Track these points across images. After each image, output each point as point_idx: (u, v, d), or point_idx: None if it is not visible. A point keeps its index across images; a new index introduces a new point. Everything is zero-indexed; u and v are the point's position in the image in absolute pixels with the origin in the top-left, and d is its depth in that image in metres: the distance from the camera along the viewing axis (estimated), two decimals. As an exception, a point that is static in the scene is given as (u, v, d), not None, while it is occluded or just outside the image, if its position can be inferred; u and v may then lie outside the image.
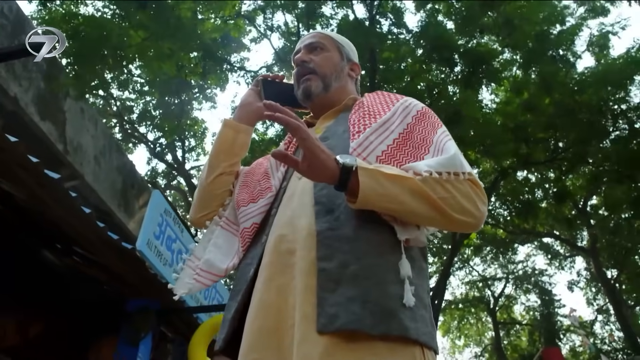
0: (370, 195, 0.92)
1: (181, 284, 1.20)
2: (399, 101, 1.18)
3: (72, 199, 3.27)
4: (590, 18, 11.32)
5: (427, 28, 11.13)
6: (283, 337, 0.91)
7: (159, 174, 14.15)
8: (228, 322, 1.05)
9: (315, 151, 0.93)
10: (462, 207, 0.96)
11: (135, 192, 10.55)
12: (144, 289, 4.53)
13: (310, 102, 1.29)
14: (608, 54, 11.62)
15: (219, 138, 1.30)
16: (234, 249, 1.19)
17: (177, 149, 12.96)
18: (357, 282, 0.89)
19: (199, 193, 1.31)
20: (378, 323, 0.85)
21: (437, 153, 1.04)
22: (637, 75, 10.83)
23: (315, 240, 0.97)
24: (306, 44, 1.35)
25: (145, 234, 4.00)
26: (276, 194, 1.16)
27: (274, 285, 0.98)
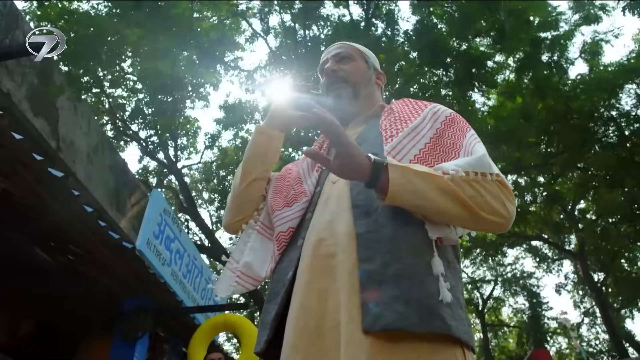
0: (400, 192, 0.94)
1: (223, 285, 1.22)
2: (427, 107, 1.20)
3: (75, 198, 3.24)
4: (584, 25, 11.46)
5: (421, 31, 11.19)
6: (325, 339, 0.92)
7: (151, 172, 14.04)
8: (269, 324, 1.05)
9: (349, 146, 0.95)
10: (491, 207, 0.98)
11: (128, 191, 10.45)
12: (140, 288, 4.50)
13: (340, 110, 1.30)
14: (600, 62, 11.78)
15: (252, 144, 1.32)
16: (269, 253, 1.20)
17: (170, 147, 12.87)
18: (399, 282, 0.91)
19: (233, 198, 1.32)
20: (422, 321, 0.86)
21: (467, 155, 1.06)
22: (627, 83, 11.00)
23: (355, 243, 0.98)
24: (334, 54, 1.38)
25: (145, 234, 3.97)
26: (310, 199, 1.18)
27: (314, 288, 0.99)
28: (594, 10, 11.38)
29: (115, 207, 9.70)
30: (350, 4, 12.01)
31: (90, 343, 5.12)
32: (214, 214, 16.14)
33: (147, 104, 12.97)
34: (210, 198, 15.82)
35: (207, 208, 16.26)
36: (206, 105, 13.78)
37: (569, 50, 11.44)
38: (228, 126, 13.70)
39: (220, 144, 14.61)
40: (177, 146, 13.04)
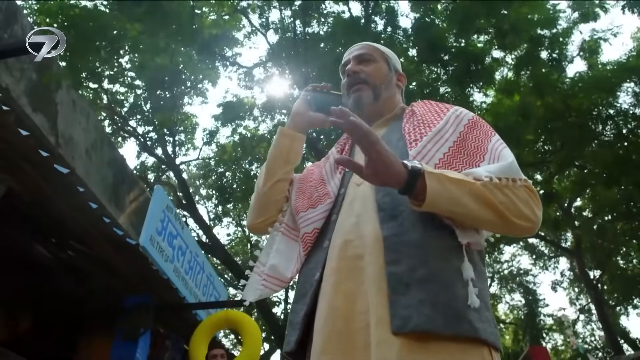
0: (436, 199, 0.95)
1: (251, 290, 1.23)
2: (449, 110, 1.21)
3: (80, 194, 3.23)
4: (582, 22, 11.48)
5: (420, 28, 11.19)
6: (353, 339, 0.93)
7: (149, 168, 14.01)
8: (298, 324, 1.06)
9: (385, 154, 0.95)
10: (521, 211, 1.00)
11: (126, 187, 10.43)
12: (143, 285, 4.50)
13: (360, 111, 1.31)
14: (598, 60, 11.82)
15: (276, 146, 1.34)
16: (295, 254, 1.22)
17: (168, 143, 12.84)
18: (426, 286, 0.92)
19: (257, 199, 1.34)
20: (449, 324, 0.88)
21: (493, 160, 1.07)
22: (626, 82, 11.04)
23: (382, 246, 1.00)
24: (355, 55, 1.38)
25: (148, 230, 3.97)
26: (335, 200, 1.18)
27: (341, 290, 1.00)
28: (593, 8, 11.41)
29: (114, 203, 9.68)
30: (350, 1, 11.98)
31: (91, 340, 5.11)
32: (212, 211, 16.16)
33: (146, 99, 12.93)
34: (208, 194, 15.81)
35: (205, 204, 16.26)
36: (204, 101, 13.75)
37: (568, 49, 11.48)
38: (226, 122, 13.68)
39: (219, 140, 14.59)
40: (175, 142, 13.00)
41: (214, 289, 5.66)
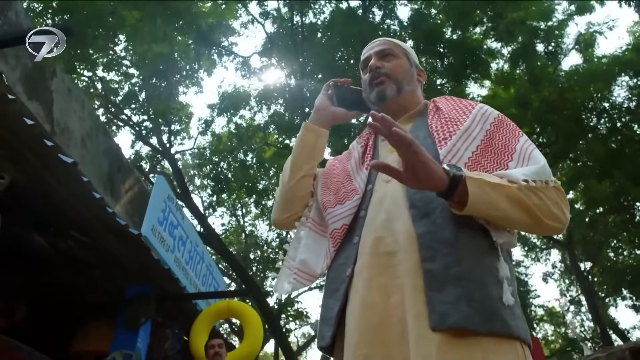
0: (477, 203, 0.97)
1: (282, 284, 1.25)
2: (475, 108, 1.22)
3: (84, 184, 3.22)
4: (578, 14, 11.52)
5: (418, 20, 11.17)
6: (389, 333, 0.95)
7: (143, 157, 13.93)
8: (332, 319, 1.07)
9: (428, 163, 0.96)
10: (552, 213, 1.02)
11: (121, 176, 10.38)
12: (144, 275, 4.50)
13: (382, 105, 1.31)
14: (594, 53, 11.88)
15: (301, 141, 1.34)
16: (322, 249, 1.22)
17: (163, 133, 12.76)
18: (461, 283, 0.94)
19: (282, 195, 1.34)
20: (484, 321, 0.90)
21: (523, 161, 1.09)
22: (621, 75, 11.11)
23: (416, 243, 1.01)
24: (376, 51, 1.37)
25: (149, 220, 3.96)
26: (362, 196, 1.19)
27: (375, 285, 1.01)
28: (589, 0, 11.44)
29: (109, 193, 9.63)
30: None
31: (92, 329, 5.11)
32: (206, 200, 16.12)
33: (141, 88, 12.83)
34: (202, 184, 15.77)
35: (199, 194, 16.22)
36: (200, 90, 13.67)
37: (564, 41, 11.53)
38: (222, 112, 13.62)
39: (214, 130, 14.53)
40: (170, 131, 12.93)
41: (213, 279, 5.67)
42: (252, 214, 18.75)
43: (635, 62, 11.23)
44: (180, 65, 12.26)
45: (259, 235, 19.27)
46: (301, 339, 22.90)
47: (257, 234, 19.21)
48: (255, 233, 19.25)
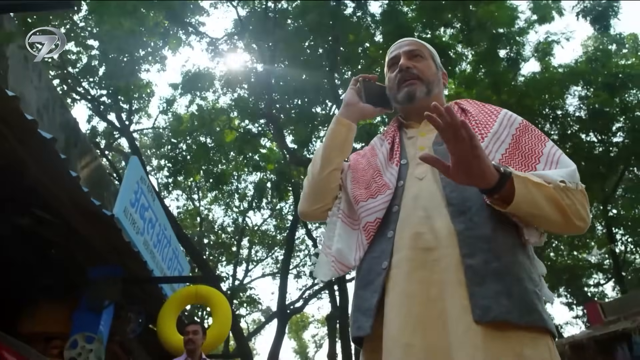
0: (521, 201, 1.03)
1: (323, 269, 1.28)
2: (500, 112, 1.28)
3: (61, 161, 3.10)
4: (539, 23, 11.99)
5: (390, 15, 11.29)
6: (429, 325, 1.01)
7: (100, 133, 13.38)
8: (371, 311, 1.11)
9: (484, 158, 1.01)
10: (580, 214, 1.10)
11: (78, 152, 9.96)
12: (111, 256, 4.39)
13: (411, 105, 1.36)
14: (551, 62, 12.43)
15: (333, 135, 1.36)
16: (353, 242, 1.26)
17: (124, 111, 12.30)
18: (500, 278, 1.01)
19: (312, 187, 1.36)
20: (523, 315, 0.98)
21: (551, 164, 1.16)
22: (573, 85, 11.71)
23: (456, 239, 1.07)
24: (406, 51, 1.40)
25: (122, 201, 3.86)
26: (394, 192, 1.23)
27: (415, 278, 1.07)
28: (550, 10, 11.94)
29: (65, 168, 9.23)
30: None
31: (40, 311, 4.92)
32: (162, 182, 15.72)
33: (100, 61, 12.29)
34: (160, 165, 15.35)
35: (155, 175, 15.80)
36: (163, 69, 13.24)
37: (524, 48, 12.00)
38: (185, 92, 13.29)
39: (175, 110, 14.15)
40: (131, 109, 12.49)
41: (179, 263, 5.59)
42: (208, 198, 18.49)
43: (587, 73, 11.89)
44: (144, 40, 11.84)
45: (215, 219, 19.05)
46: (252, 325, 22.94)
47: (212, 219, 18.97)
48: (210, 217, 19.00)
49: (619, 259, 14.64)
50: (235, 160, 15.11)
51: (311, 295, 17.83)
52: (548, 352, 1.00)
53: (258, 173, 15.38)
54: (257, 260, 19.59)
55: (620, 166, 13.05)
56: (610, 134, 12.81)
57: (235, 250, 18.37)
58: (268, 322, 17.80)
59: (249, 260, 19.14)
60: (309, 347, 31.75)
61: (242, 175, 16.48)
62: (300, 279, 18.15)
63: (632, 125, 12.35)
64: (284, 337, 13.55)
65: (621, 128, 12.91)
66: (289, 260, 14.84)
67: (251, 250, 19.25)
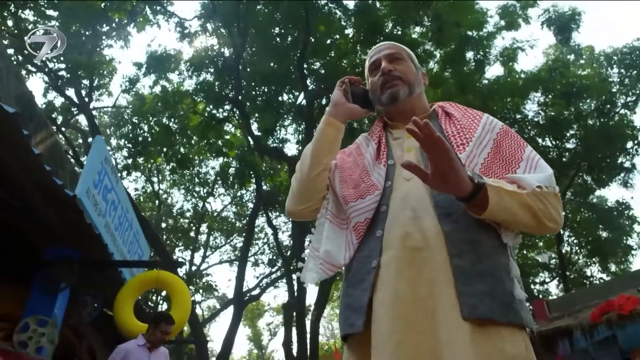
0: (495, 209, 1.09)
1: (309, 273, 1.30)
2: (482, 117, 1.34)
3: (23, 137, 2.96)
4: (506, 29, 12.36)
5: (362, 10, 11.34)
6: (418, 322, 1.05)
7: (56, 109, 12.79)
8: (363, 308, 1.14)
9: (460, 170, 1.07)
10: (552, 216, 1.16)
11: (33, 127, 9.52)
12: (68, 238, 4.23)
13: (395, 106, 1.40)
14: (514, 67, 12.85)
15: (323, 135, 1.38)
16: (342, 241, 1.29)
17: (84, 88, 11.81)
18: (484, 279, 1.07)
19: (301, 187, 1.38)
20: (504, 313, 1.05)
21: (530, 168, 1.22)
22: (533, 91, 12.15)
23: (444, 240, 1.12)
24: (386, 54, 1.44)
25: (85, 182, 3.73)
26: (382, 192, 1.26)
27: (404, 277, 1.10)
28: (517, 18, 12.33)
29: (18, 144, 8.81)
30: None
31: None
32: (121, 162, 15.26)
33: (60, 33, 11.72)
34: (119, 145, 14.88)
35: (114, 155, 15.30)
36: (126, 46, 12.79)
37: (490, 52, 12.35)
38: (149, 72, 12.90)
39: (138, 90, 13.71)
40: (91, 85, 12.01)
41: (139, 247, 5.47)
42: (168, 182, 18.10)
43: (547, 81, 12.38)
44: (108, 15, 11.40)
45: (174, 204, 18.69)
46: (206, 312, 22.74)
47: (171, 203, 18.61)
48: (169, 201, 18.63)
49: (565, 259, 15.40)
50: (198, 145, 14.84)
51: (268, 284, 17.85)
52: (525, 346, 1.07)
53: (220, 158, 15.19)
54: (215, 246, 19.40)
55: (571, 171, 13.68)
56: (564, 140, 13.40)
57: (194, 236, 18.11)
58: (223, 309, 17.71)
59: (207, 247, 18.93)
60: (264, 334, 31.86)
61: (204, 160, 16.23)
62: (258, 267, 18.14)
63: (584, 133, 12.96)
64: (239, 325, 13.53)
65: (574, 135, 13.54)
66: (247, 248, 14.78)
67: (210, 237, 19.02)
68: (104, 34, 11.91)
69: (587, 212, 15.48)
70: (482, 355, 0.99)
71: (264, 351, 32.76)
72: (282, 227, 17.23)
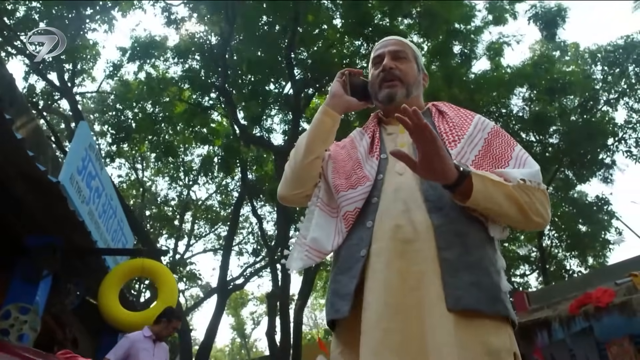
0: (479, 197, 1.12)
1: (295, 260, 1.32)
2: (475, 117, 1.37)
3: (5, 122, 2.91)
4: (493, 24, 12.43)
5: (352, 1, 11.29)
6: (406, 312, 1.08)
7: (37, 93, 12.52)
8: (349, 295, 1.16)
9: (446, 158, 1.10)
10: (539, 211, 1.19)
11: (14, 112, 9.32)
12: (50, 225, 4.18)
13: (390, 105, 1.41)
14: (501, 62, 12.96)
15: (319, 125, 1.39)
16: (331, 229, 1.31)
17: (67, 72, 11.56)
18: (471, 271, 1.10)
19: (294, 173, 1.39)
20: (490, 305, 1.07)
21: (519, 166, 1.25)
22: (519, 86, 12.27)
23: (433, 233, 1.14)
24: (391, 50, 1.45)
25: (68, 168, 3.67)
26: (374, 184, 1.28)
27: (394, 268, 1.13)
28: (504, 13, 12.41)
29: (-2, 128, 8.62)
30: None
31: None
32: (104, 148, 15.03)
33: (42, 15, 11.47)
34: (102, 131, 14.64)
35: (97, 141, 15.03)
36: (110, 30, 12.53)
37: (478, 46, 12.42)
38: (134, 58, 12.68)
39: (122, 76, 13.48)
40: (74, 70, 11.77)
41: (123, 235, 5.41)
42: (152, 169, 17.90)
43: (532, 76, 12.51)
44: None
45: (158, 192, 18.51)
46: (190, 301, 22.68)
47: (155, 191, 18.43)
48: (154, 189, 18.45)
49: (545, 252, 15.68)
50: (183, 133, 14.69)
51: (252, 273, 17.85)
52: (509, 339, 1.10)
53: (206, 147, 15.06)
54: (200, 235, 19.31)
55: (554, 166, 13.89)
56: (548, 135, 13.58)
57: (178, 224, 17.99)
58: (207, 298, 17.67)
59: (191, 235, 18.82)
60: (247, 323, 31.92)
61: (189, 148, 16.09)
62: (242, 256, 18.10)
63: (567, 129, 13.16)
64: (223, 314, 13.53)
65: (557, 130, 13.74)
66: (232, 237, 14.74)
67: (194, 225, 18.91)
68: (87, 17, 11.65)
69: (568, 207, 15.76)
70: (466, 346, 1.01)
71: (247, 340, 32.86)
72: (266, 216, 17.21)
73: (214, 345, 19.24)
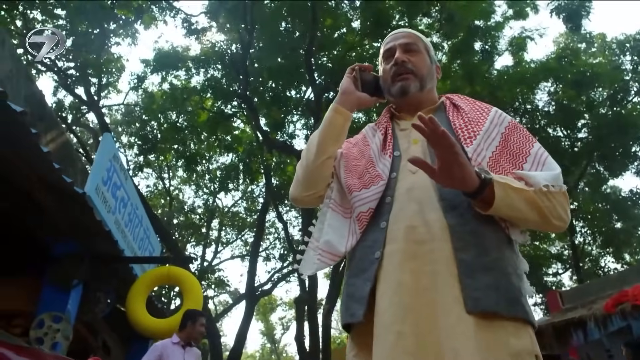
0: (501, 205, 1.08)
1: (307, 264, 1.29)
2: (491, 111, 1.31)
3: (33, 136, 2.99)
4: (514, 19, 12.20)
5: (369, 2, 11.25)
6: (419, 313, 1.04)
7: (66, 107, 12.90)
8: (364, 299, 1.13)
9: (466, 165, 1.06)
10: (559, 214, 1.15)
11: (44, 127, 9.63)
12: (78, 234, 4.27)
13: (403, 99, 1.37)
14: (523, 57, 12.69)
15: (330, 124, 1.36)
16: (345, 230, 1.27)
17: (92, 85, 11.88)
18: (489, 272, 1.06)
19: (306, 173, 1.36)
20: (509, 307, 1.03)
21: (537, 165, 1.20)
22: (544, 81, 11.98)
23: (449, 233, 1.10)
24: (402, 43, 1.40)
25: (94, 179, 3.76)
26: (387, 183, 1.24)
27: (407, 269, 1.09)
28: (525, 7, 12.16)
29: (29, 143, 8.90)
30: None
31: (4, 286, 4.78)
32: (132, 160, 15.38)
33: (69, 32, 11.82)
34: (130, 142, 14.98)
35: (125, 152, 15.41)
36: (134, 43, 12.84)
37: (499, 42, 12.20)
38: (157, 70, 12.95)
39: (147, 87, 13.77)
40: (100, 83, 12.08)
41: (149, 244, 5.51)
42: (179, 178, 18.20)
43: (557, 70, 12.21)
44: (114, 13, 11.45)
45: (185, 200, 18.81)
46: (219, 307, 22.91)
47: (182, 199, 18.73)
48: (181, 198, 18.75)
49: (578, 250, 15.24)
50: (207, 141, 14.89)
51: (280, 278, 17.92)
52: (530, 340, 1.05)
53: (230, 154, 15.22)
54: (227, 242, 19.50)
55: (583, 161, 13.51)
56: (576, 129, 13.23)
57: (205, 232, 18.22)
58: (236, 304, 17.83)
59: (219, 242, 19.03)
60: (276, 329, 32.04)
61: (213, 156, 16.30)
62: (270, 261, 18.21)
63: (596, 123, 12.79)
64: (251, 319, 13.61)
65: (586, 124, 13.36)
66: (258, 243, 14.84)
67: (221, 232, 19.12)
68: (111, 32, 11.96)
69: (601, 203, 15.28)
70: (486, 348, 0.97)
71: (276, 345, 32.96)
72: (292, 221, 17.27)
73: (245, 350, 19.35)
